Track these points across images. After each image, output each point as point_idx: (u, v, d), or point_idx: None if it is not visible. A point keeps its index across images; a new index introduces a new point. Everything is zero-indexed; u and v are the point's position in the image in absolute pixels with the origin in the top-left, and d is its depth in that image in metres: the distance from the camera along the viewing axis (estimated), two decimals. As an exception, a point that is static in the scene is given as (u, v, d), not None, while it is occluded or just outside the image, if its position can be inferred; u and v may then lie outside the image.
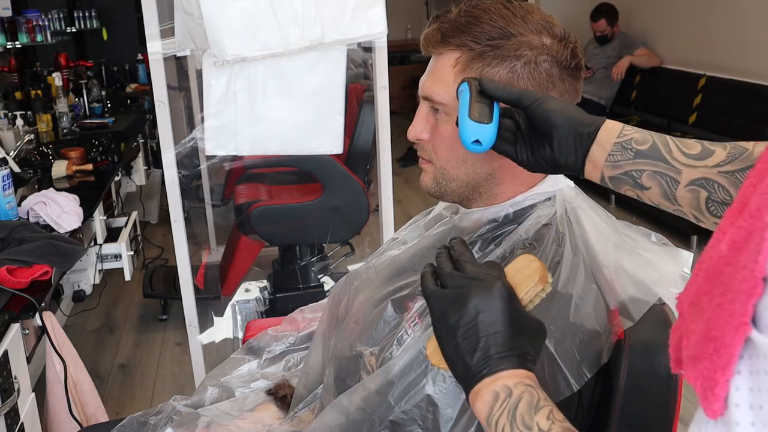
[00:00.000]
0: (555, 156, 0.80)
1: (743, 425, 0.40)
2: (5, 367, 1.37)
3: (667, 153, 0.76)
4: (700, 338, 0.43)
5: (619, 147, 0.77)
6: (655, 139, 0.77)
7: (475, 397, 0.69)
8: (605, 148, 0.77)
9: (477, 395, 0.69)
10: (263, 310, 2.88)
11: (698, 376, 0.43)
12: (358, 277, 1.13)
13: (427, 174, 0.98)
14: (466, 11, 0.91)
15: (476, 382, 0.69)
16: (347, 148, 2.76)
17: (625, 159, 0.77)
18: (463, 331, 0.70)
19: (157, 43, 1.82)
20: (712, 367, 0.42)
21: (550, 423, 0.65)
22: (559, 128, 0.79)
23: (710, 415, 0.42)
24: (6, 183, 1.88)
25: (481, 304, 0.71)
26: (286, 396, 1.19)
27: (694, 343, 0.44)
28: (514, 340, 0.70)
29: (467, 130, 0.80)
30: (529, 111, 0.80)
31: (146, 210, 4.17)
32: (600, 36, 5.05)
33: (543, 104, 0.80)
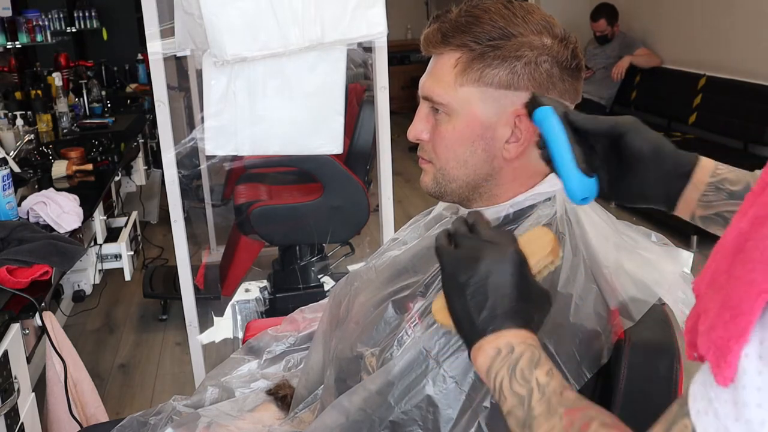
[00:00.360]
0: (644, 191, 0.78)
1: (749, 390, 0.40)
2: (5, 367, 1.37)
3: None
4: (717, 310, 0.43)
5: (713, 188, 0.76)
6: (750, 180, 0.76)
7: (477, 352, 0.71)
8: (699, 189, 0.76)
9: (479, 350, 0.70)
10: (263, 310, 2.88)
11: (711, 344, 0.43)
12: (359, 278, 1.13)
13: (427, 174, 0.98)
14: (467, 11, 0.91)
15: (479, 338, 0.71)
16: (347, 148, 2.76)
17: (719, 200, 0.76)
18: (472, 290, 0.72)
19: (157, 43, 1.82)
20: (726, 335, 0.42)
21: (548, 378, 0.66)
22: (654, 165, 0.77)
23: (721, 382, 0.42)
24: (6, 183, 1.88)
25: (493, 265, 0.72)
26: (286, 396, 1.19)
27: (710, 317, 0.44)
28: (520, 303, 0.71)
29: (577, 185, 0.75)
30: (622, 144, 0.78)
31: (146, 210, 4.17)
32: (600, 36, 5.05)
33: (636, 137, 0.77)
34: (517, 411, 0.66)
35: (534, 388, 0.66)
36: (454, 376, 0.82)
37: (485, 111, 0.90)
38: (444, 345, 0.84)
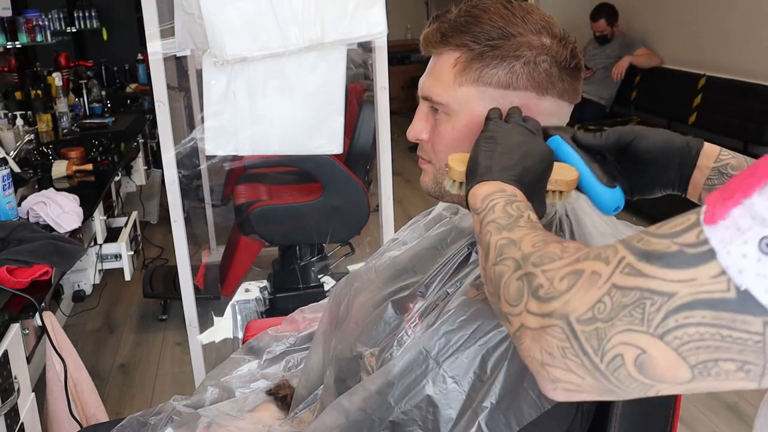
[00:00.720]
0: (660, 182, 0.85)
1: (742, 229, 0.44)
2: (5, 367, 1.37)
3: None
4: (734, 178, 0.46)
5: (716, 172, 0.83)
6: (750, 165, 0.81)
7: (482, 185, 0.76)
8: (704, 173, 0.83)
9: (484, 184, 0.76)
10: (263, 310, 2.88)
11: (717, 195, 0.46)
12: (359, 278, 1.13)
13: (427, 174, 0.98)
14: (466, 11, 0.91)
15: (486, 180, 0.76)
16: (347, 148, 2.76)
17: (721, 183, 0.82)
18: (502, 148, 0.79)
19: (157, 43, 1.82)
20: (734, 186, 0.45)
21: (536, 221, 0.69)
22: (664, 160, 0.84)
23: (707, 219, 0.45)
24: (6, 183, 1.88)
25: (530, 142, 0.80)
26: (286, 396, 1.19)
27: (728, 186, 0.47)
28: (534, 185, 0.78)
29: (607, 199, 0.82)
30: (630, 149, 0.85)
31: (146, 210, 4.17)
32: (600, 36, 5.05)
33: (642, 141, 0.84)
34: (501, 220, 0.69)
35: (525, 215, 0.70)
36: (454, 376, 0.82)
37: (484, 110, 0.90)
38: (444, 345, 0.84)
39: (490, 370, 0.80)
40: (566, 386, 0.54)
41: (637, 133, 0.84)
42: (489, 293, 0.67)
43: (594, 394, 0.53)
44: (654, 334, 0.47)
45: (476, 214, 0.74)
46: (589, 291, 0.52)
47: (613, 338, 0.49)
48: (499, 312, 0.63)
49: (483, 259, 0.69)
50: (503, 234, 0.67)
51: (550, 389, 0.55)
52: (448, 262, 0.95)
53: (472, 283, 0.88)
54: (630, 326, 0.48)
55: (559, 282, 0.54)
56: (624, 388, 0.50)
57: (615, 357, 0.49)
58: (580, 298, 0.52)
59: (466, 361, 0.82)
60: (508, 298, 0.60)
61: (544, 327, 0.54)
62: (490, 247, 0.67)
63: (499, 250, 0.65)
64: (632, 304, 0.48)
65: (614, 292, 0.50)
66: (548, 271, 0.57)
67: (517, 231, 0.66)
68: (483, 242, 0.70)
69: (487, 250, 0.67)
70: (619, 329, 0.49)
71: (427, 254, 1.01)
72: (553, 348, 0.53)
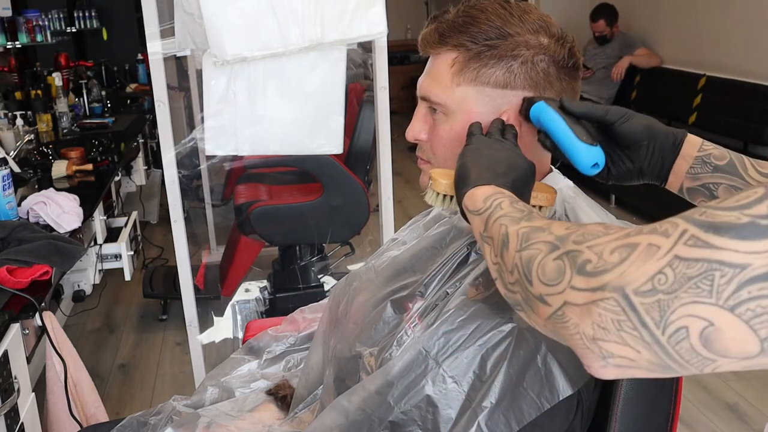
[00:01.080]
0: (642, 167, 0.86)
1: None
2: (5, 367, 1.37)
3: (743, 170, 0.82)
4: None
5: (699, 161, 0.84)
6: (732, 157, 0.83)
7: (477, 189, 0.76)
8: (687, 162, 0.85)
9: (480, 188, 0.76)
10: (263, 310, 2.88)
11: None
12: (358, 278, 1.13)
13: (426, 174, 0.98)
14: (464, 11, 0.91)
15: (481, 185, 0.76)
16: (347, 148, 2.76)
17: (705, 172, 0.84)
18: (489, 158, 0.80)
19: (157, 43, 1.82)
20: None
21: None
22: (647, 144, 0.85)
23: None
24: (6, 183, 1.88)
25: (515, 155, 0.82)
26: (286, 396, 1.19)
27: None
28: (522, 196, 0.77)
29: (584, 154, 0.81)
30: (615, 128, 0.85)
31: (146, 210, 4.17)
32: (599, 36, 5.05)
33: (629, 121, 0.85)
34: (514, 214, 0.69)
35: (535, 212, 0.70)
36: (454, 376, 0.82)
37: (482, 110, 0.91)
38: (443, 345, 0.84)
39: (490, 369, 0.81)
40: (619, 362, 0.52)
41: (623, 114, 0.85)
42: (508, 283, 0.65)
43: (648, 369, 0.52)
44: (724, 306, 0.46)
45: (477, 215, 0.74)
46: (646, 262, 0.50)
47: (677, 310, 0.48)
48: (527, 297, 0.61)
49: (498, 250, 0.67)
50: (522, 224, 0.66)
51: (600, 366, 0.54)
52: (447, 261, 0.95)
53: (471, 282, 0.88)
54: (696, 298, 0.47)
55: (610, 255, 0.53)
56: (683, 363, 0.49)
57: (678, 330, 0.48)
58: (637, 269, 0.50)
59: (465, 360, 0.82)
60: (544, 279, 0.58)
61: (595, 301, 0.52)
62: (509, 236, 0.66)
63: (523, 237, 0.64)
64: (699, 275, 0.47)
65: (677, 264, 0.48)
66: (595, 246, 0.55)
67: (537, 220, 0.66)
68: (496, 235, 0.68)
69: (504, 240, 0.66)
70: (684, 301, 0.48)
71: (427, 254, 1.01)
72: (607, 321, 0.51)
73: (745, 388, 2.47)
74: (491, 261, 0.69)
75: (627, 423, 0.86)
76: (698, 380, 2.50)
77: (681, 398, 0.89)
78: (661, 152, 0.86)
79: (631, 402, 0.86)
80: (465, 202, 0.77)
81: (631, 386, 0.86)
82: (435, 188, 0.87)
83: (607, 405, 0.87)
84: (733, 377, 2.52)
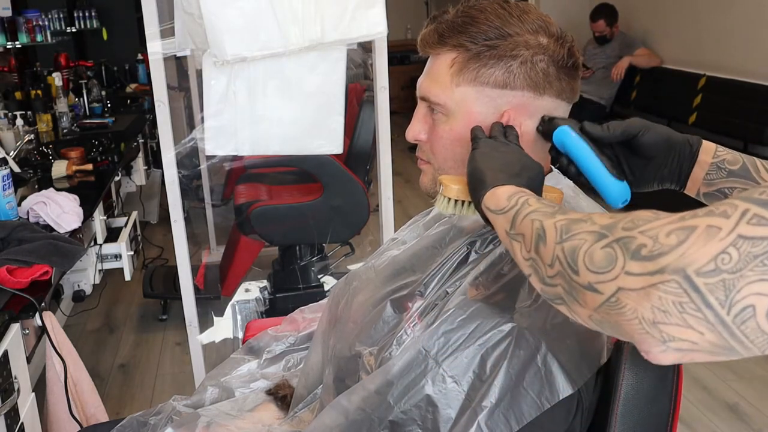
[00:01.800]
0: (661, 175, 0.89)
1: None
2: (5, 367, 1.37)
3: (756, 173, 0.85)
4: None
5: (714, 167, 0.87)
6: (745, 160, 0.86)
7: (499, 188, 0.77)
8: (703, 168, 0.87)
9: (500, 188, 0.77)
10: (263, 310, 2.88)
11: None
12: (358, 278, 1.13)
13: (426, 175, 0.98)
14: (463, 12, 0.91)
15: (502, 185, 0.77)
16: (347, 148, 2.76)
17: (720, 178, 0.86)
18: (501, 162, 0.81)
19: (157, 43, 1.82)
20: None
21: None
22: (665, 155, 0.88)
23: None
24: (6, 183, 1.88)
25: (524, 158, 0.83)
26: (286, 396, 1.19)
27: None
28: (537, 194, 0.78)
29: (616, 191, 0.84)
30: (635, 140, 0.87)
31: (146, 210, 4.17)
32: (599, 36, 5.05)
33: (648, 133, 0.86)
34: (545, 209, 0.69)
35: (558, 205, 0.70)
36: (454, 375, 0.82)
37: (482, 110, 0.91)
38: (443, 344, 0.84)
39: (490, 369, 0.80)
40: (680, 345, 0.51)
41: (642, 127, 0.87)
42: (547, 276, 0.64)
43: (710, 352, 0.51)
44: None
45: (502, 213, 0.74)
46: (707, 243, 0.49)
47: (743, 289, 0.47)
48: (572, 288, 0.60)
49: (531, 245, 0.67)
50: (558, 217, 0.65)
51: (659, 351, 0.53)
52: (447, 261, 0.95)
53: (471, 282, 0.88)
54: (763, 276, 0.47)
55: (666, 238, 0.52)
56: (747, 344, 0.49)
57: (744, 309, 0.47)
58: (698, 250, 0.50)
59: (465, 360, 0.82)
60: (593, 267, 0.57)
61: (654, 284, 0.51)
62: (545, 230, 0.65)
63: (563, 230, 0.63)
64: (764, 253, 0.47)
65: (741, 243, 0.48)
66: (648, 230, 0.54)
67: (573, 213, 0.65)
68: (527, 230, 0.68)
69: (540, 234, 0.66)
70: (749, 280, 0.47)
71: (426, 253, 1.01)
72: (668, 304, 0.51)
73: (745, 388, 2.47)
74: (522, 257, 0.69)
75: (627, 423, 0.86)
76: (698, 380, 2.51)
77: (681, 398, 0.89)
78: (679, 161, 0.88)
79: (631, 402, 0.86)
80: (486, 203, 0.77)
81: (631, 386, 0.86)
82: (446, 194, 0.87)
83: (607, 405, 0.87)
84: (733, 377, 2.52)
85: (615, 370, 0.86)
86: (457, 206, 0.88)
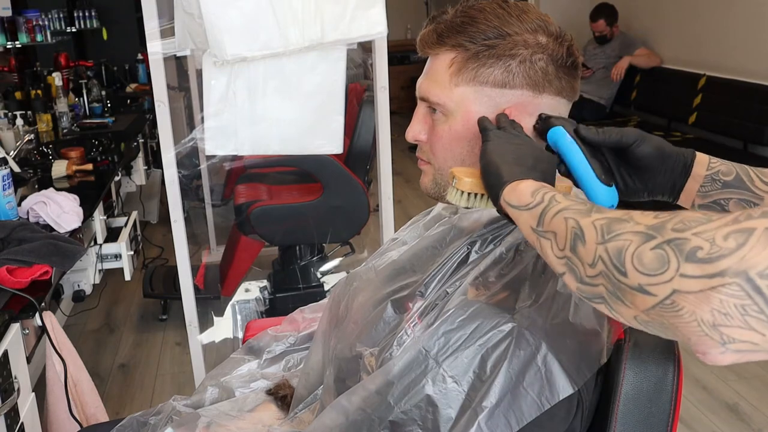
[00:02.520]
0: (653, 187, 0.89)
1: None
2: (5, 367, 1.37)
3: (750, 182, 0.85)
4: None
5: (708, 179, 0.87)
6: (738, 170, 0.86)
7: (519, 183, 0.76)
8: (697, 181, 0.87)
9: (519, 182, 0.76)
10: (263, 310, 2.88)
11: None
12: (358, 278, 1.13)
13: (426, 175, 0.98)
14: (462, 11, 0.91)
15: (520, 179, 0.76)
16: (347, 148, 2.76)
17: (714, 189, 0.86)
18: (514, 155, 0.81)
19: (157, 43, 1.82)
20: None
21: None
22: (659, 166, 0.87)
23: None
24: (6, 183, 1.88)
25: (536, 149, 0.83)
26: (286, 396, 1.19)
27: None
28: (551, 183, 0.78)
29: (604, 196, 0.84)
30: (629, 151, 0.87)
31: (146, 210, 4.17)
32: (599, 36, 5.05)
33: (643, 144, 0.86)
34: (577, 206, 0.68)
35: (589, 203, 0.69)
36: (454, 375, 0.82)
37: (481, 110, 0.91)
38: (443, 345, 0.84)
39: (490, 369, 0.80)
40: (740, 347, 0.52)
41: (638, 137, 0.86)
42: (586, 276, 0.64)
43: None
44: None
45: (526, 210, 0.73)
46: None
47: None
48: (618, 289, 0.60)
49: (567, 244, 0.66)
50: (595, 215, 0.64)
51: (719, 353, 0.53)
52: (447, 261, 0.95)
53: (471, 282, 0.88)
54: None
55: (724, 241, 0.52)
56: None
57: None
58: (759, 253, 0.50)
59: (465, 360, 0.82)
60: (643, 269, 0.57)
61: (714, 287, 0.51)
62: (583, 229, 0.64)
63: (604, 229, 0.62)
64: None
65: None
66: (703, 233, 0.54)
67: (609, 212, 0.65)
68: (560, 229, 0.67)
69: (577, 233, 0.65)
70: None
71: (427, 254, 1.01)
72: (730, 307, 0.51)
73: (745, 388, 2.47)
74: (555, 255, 0.68)
75: (627, 423, 0.86)
76: (698, 380, 2.51)
77: (681, 398, 0.89)
78: (672, 174, 0.88)
79: (631, 402, 0.86)
80: (507, 198, 0.76)
81: (632, 386, 0.86)
82: (460, 187, 0.85)
83: (607, 405, 0.87)
84: (734, 377, 2.52)
85: (615, 370, 0.86)
86: (470, 199, 0.86)
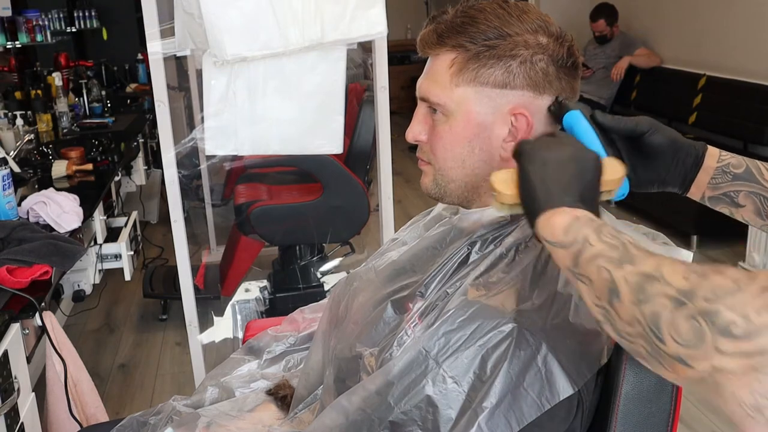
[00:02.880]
0: (664, 178, 0.89)
1: None
2: (5, 367, 1.37)
3: (760, 176, 0.86)
4: None
5: (719, 171, 0.88)
6: (748, 164, 0.88)
7: (552, 215, 0.73)
8: (708, 173, 0.88)
9: (555, 214, 0.73)
10: (263, 310, 2.88)
11: None
12: (358, 278, 1.13)
13: (427, 176, 0.98)
14: (462, 12, 0.91)
15: (554, 207, 0.74)
16: (347, 148, 2.76)
17: (725, 182, 0.88)
18: (555, 165, 0.76)
19: (157, 43, 1.82)
20: None
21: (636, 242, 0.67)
22: (669, 158, 0.88)
23: None
24: (6, 183, 1.88)
25: (580, 153, 0.79)
26: (286, 396, 1.19)
27: None
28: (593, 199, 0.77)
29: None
30: (643, 139, 0.87)
31: (146, 210, 4.17)
32: (599, 36, 5.05)
33: (656, 133, 0.87)
34: (610, 252, 0.66)
35: (627, 241, 0.67)
36: (454, 376, 0.82)
37: (481, 110, 0.91)
38: (444, 345, 0.84)
39: (490, 370, 0.80)
40: None
41: (651, 126, 0.87)
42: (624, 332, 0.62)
43: None
44: None
45: (560, 248, 0.72)
46: None
47: None
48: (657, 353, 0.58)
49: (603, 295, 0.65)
50: (627, 269, 0.63)
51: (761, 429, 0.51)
52: (447, 262, 0.95)
53: (471, 283, 0.88)
54: None
55: (758, 316, 0.50)
56: None
57: None
58: None
59: (465, 361, 0.82)
60: (680, 340, 0.55)
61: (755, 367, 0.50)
62: (617, 284, 0.63)
63: (637, 288, 0.61)
64: None
65: None
66: (735, 306, 0.52)
67: (639, 262, 0.63)
68: (595, 278, 0.66)
69: (612, 288, 0.64)
70: None
71: (427, 254, 1.01)
72: None
73: (745, 388, 2.46)
74: (592, 302, 0.67)
75: (627, 423, 0.86)
76: (698, 380, 2.50)
77: (681, 398, 0.89)
78: (683, 166, 0.89)
79: (632, 402, 0.86)
80: (540, 232, 0.75)
81: (632, 386, 0.86)
82: (502, 200, 0.82)
83: (607, 405, 0.87)
84: (733, 377, 2.52)
85: (615, 370, 0.86)
86: (514, 208, 0.83)
